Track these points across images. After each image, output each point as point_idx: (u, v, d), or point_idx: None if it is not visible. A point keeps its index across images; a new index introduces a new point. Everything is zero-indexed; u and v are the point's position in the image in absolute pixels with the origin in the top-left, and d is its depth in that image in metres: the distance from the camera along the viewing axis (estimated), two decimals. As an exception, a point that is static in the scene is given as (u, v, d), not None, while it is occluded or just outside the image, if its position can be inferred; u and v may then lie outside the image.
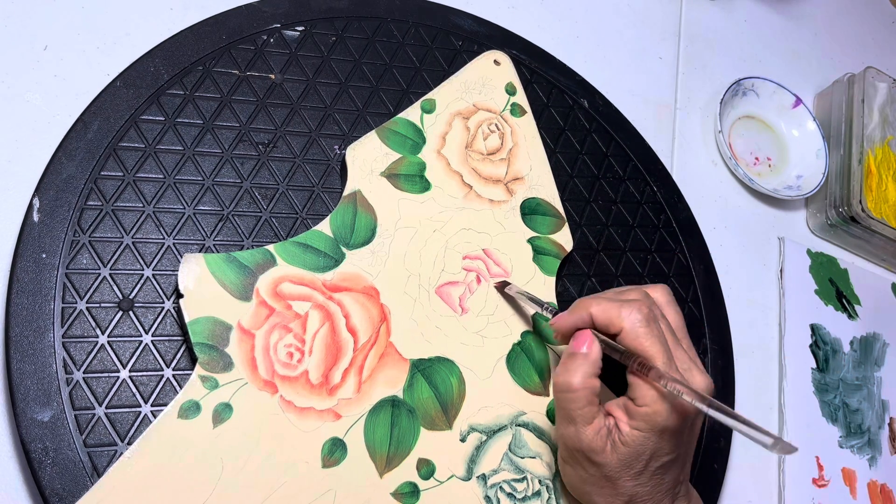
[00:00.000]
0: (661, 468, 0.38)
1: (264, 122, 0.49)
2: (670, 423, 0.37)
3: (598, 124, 0.59)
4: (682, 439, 0.39)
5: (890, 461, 0.61)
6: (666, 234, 0.58)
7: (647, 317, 0.38)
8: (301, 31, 0.52)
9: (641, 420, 0.37)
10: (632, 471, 0.38)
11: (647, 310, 0.38)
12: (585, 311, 0.40)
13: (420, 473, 0.42)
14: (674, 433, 0.37)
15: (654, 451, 0.37)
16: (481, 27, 0.58)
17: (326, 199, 0.48)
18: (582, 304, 0.40)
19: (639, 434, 0.37)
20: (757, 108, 0.70)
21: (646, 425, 0.37)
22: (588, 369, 0.38)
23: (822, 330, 0.63)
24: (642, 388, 0.37)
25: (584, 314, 0.40)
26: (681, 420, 0.37)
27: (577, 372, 0.38)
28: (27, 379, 0.38)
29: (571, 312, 0.41)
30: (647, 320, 0.38)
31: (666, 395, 0.37)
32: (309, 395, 0.41)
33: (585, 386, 0.38)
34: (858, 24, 0.82)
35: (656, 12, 0.70)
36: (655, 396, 0.37)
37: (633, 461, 0.38)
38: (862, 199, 0.64)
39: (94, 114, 0.45)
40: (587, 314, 0.40)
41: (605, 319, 0.39)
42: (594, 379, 0.38)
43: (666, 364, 0.37)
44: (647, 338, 0.38)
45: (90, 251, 0.42)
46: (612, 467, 0.38)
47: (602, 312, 0.39)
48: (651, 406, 0.37)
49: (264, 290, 0.43)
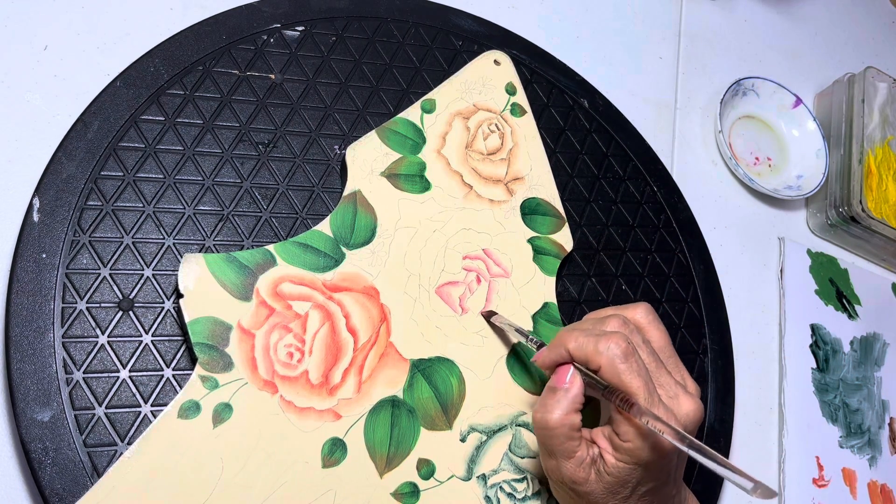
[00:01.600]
0: (648, 492, 0.38)
1: (264, 122, 0.49)
2: (653, 458, 0.36)
3: (598, 124, 0.59)
4: (669, 467, 0.38)
5: (890, 461, 0.61)
6: (666, 234, 0.58)
7: (626, 351, 0.37)
8: (301, 31, 0.52)
9: (625, 454, 0.36)
10: (618, 497, 0.38)
11: (625, 344, 0.37)
12: (563, 347, 0.39)
13: (420, 473, 0.42)
14: (659, 466, 0.37)
15: (639, 480, 0.37)
16: (481, 27, 0.58)
17: (326, 199, 0.48)
18: (560, 339, 0.39)
19: (624, 466, 0.37)
20: (757, 108, 0.70)
21: (630, 459, 0.36)
22: (567, 405, 0.37)
23: (822, 330, 0.63)
24: (624, 425, 0.36)
25: (562, 350, 0.39)
26: (661, 457, 0.37)
27: (556, 409, 0.37)
28: (27, 379, 0.38)
29: (551, 349, 0.40)
30: (625, 355, 0.37)
31: (647, 433, 0.36)
32: (309, 395, 0.41)
33: (563, 423, 0.37)
34: (858, 24, 0.82)
35: (656, 12, 0.70)
36: (636, 433, 0.36)
37: (618, 488, 0.37)
38: (862, 199, 0.64)
39: (94, 114, 0.45)
40: (565, 350, 0.39)
41: (583, 356, 0.38)
42: (574, 414, 0.38)
43: (647, 400, 0.36)
44: (627, 373, 0.36)
45: (90, 251, 0.42)
46: (597, 495, 0.38)
47: (579, 349, 0.38)
48: (633, 442, 0.36)
49: (264, 290, 0.43)
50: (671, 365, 0.40)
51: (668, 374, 0.38)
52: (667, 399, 0.37)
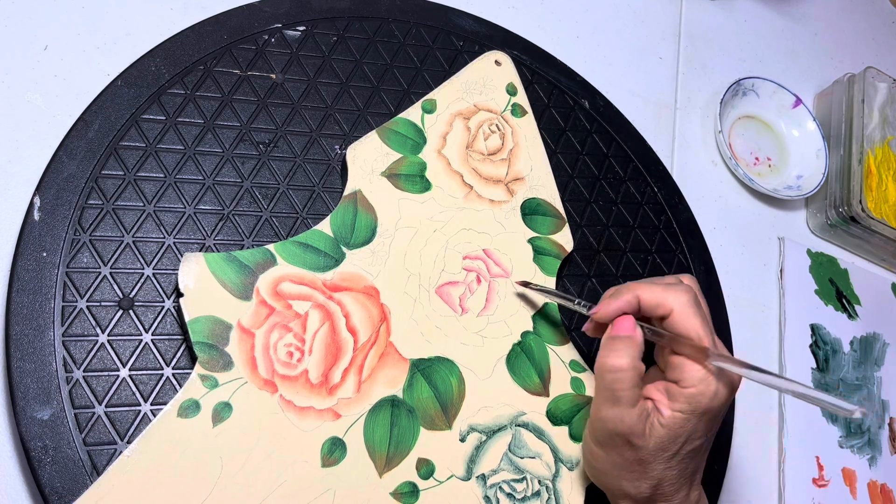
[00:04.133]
0: (692, 451, 0.39)
1: (265, 121, 0.49)
2: (715, 402, 0.37)
3: (598, 125, 0.59)
4: (717, 422, 0.39)
5: (890, 461, 0.61)
6: (666, 234, 0.58)
7: (694, 299, 0.39)
8: (302, 30, 0.52)
9: (686, 402, 0.37)
10: (666, 454, 0.38)
11: (693, 293, 0.39)
12: (632, 294, 0.40)
13: (419, 473, 0.42)
14: (714, 415, 0.38)
15: (690, 434, 0.38)
16: (482, 27, 0.58)
17: (327, 198, 0.48)
18: (626, 288, 0.41)
19: (680, 416, 0.38)
20: (757, 108, 0.70)
21: (689, 407, 0.37)
22: (635, 351, 0.39)
23: (822, 330, 0.63)
24: (689, 370, 0.37)
25: (630, 298, 0.40)
26: (727, 397, 0.38)
27: (625, 353, 0.38)
28: (27, 377, 0.38)
29: (616, 297, 0.41)
30: (694, 302, 0.39)
31: (714, 375, 0.37)
32: (309, 395, 0.41)
33: (634, 367, 0.38)
34: (858, 24, 0.82)
35: (656, 12, 0.70)
36: (703, 377, 0.37)
37: (669, 444, 0.38)
38: (862, 199, 0.64)
39: (94, 113, 0.45)
40: (633, 297, 0.40)
41: (655, 302, 0.39)
42: (640, 361, 0.39)
43: (713, 344, 0.38)
44: (697, 318, 0.38)
45: (91, 250, 0.42)
46: (648, 450, 0.38)
47: (652, 295, 0.39)
48: (698, 387, 0.37)
49: (264, 289, 0.43)
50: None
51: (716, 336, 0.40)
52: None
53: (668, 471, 0.39)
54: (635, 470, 0.39)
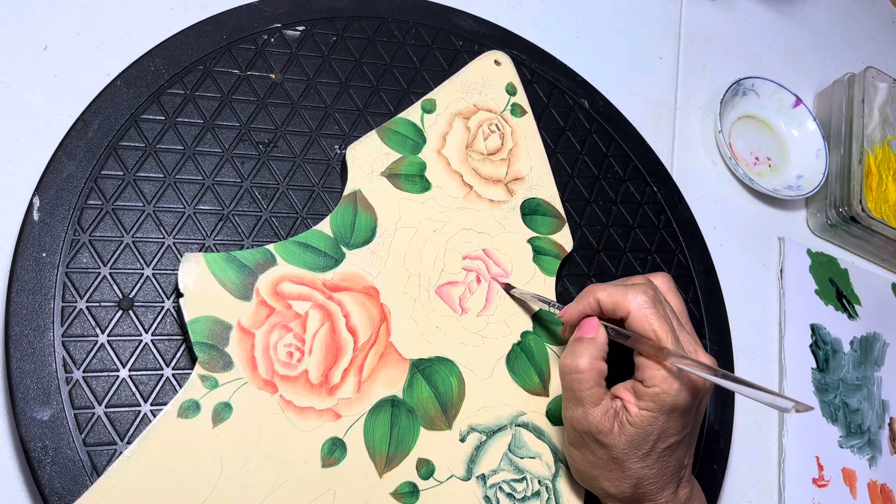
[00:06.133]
0: (667, 449, 0.39)
1: (265, 121, 0.49)
2: (679, 401, 0.37)
3: (598, 124, 0.59)
4: (689, 419, 0.39)
5: (890, 461, 0.61)
6: (666, 234, 0.58)
7: (653, 298, 0.39)
8: (302, 30, 0.52)
9: (650, 400, 0.38)
10: (639, 452, 0.38)
11: (653, 292, 0.39)
12: (592, 296, 0.41)
13: (420, 473, 0.42)
14: (682, 412, 0.38)
15: (661, 432, 0.38)
16: (482, 27, 0.58)
17: (326, 198, 0.48)
18: (588, 291, 0.41)
19: (647, 414, 0.38)
20: (757, 108, 0.70)
21: (655, 405, 0.37)
22: (595, 352, 0.39)
23: (822, 330, 0.63)
24: (651, 369, 0.38)
25: (590, 300, 0.41)
26: (691, 398, 0.38)
27: (584, 354, 0.39)
28: (27, 378, 0.38)
29: (578, 301, 0.42)
30: (653, 302, 0.39)
31: (675, 374, 0.37)
32: (309, 395, 0.41)
33: (593, 367, 0.39)
34: (858, 24, 0.82)
35: (656, 12, 0.70)
36: (665, 376, 0.37)
37: (640, 442, 0.38)
38: (862, 199, 0.64)
39: (94, 113, 0.45)
40: (594, 299, 0.41)
41: (612, 303, 0.40)
42: (601, 361, 0.39)
43: (674, 343, 0.38)
44: (655, 318, 0.38)
45: (90, 250, 0.42)
46: (619, 448, 0.39)
47: (608, 297, 0.40)
48: (660, 386, 0.37)
49: (264, 289, 0.43)
50: (688, 329, 0.41)
51: (686, 334, 0.40)
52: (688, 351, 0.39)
53: (645, 469, 0.39)
54: (612, 469, 0.40)
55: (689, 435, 0.40)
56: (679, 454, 0.40)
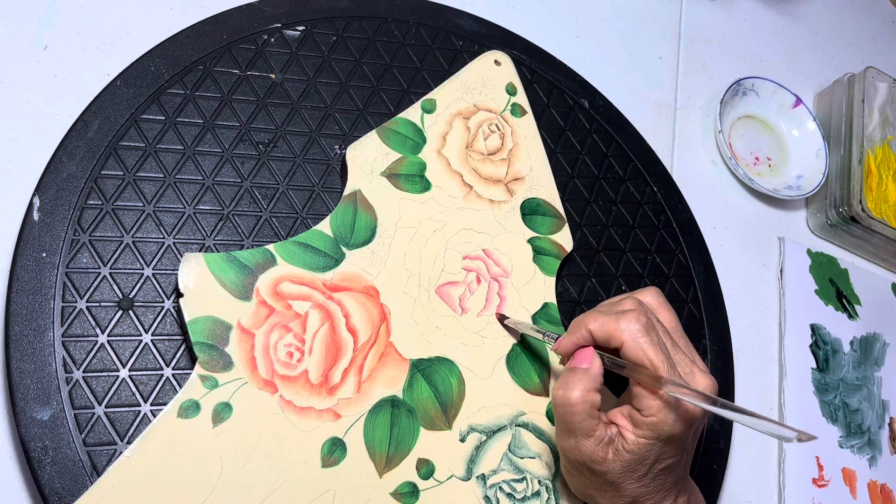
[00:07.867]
0: (664, 470, 0.38)
1: (265, 121, 0.49)
2: (676, 430, 0.37)
3: (598, 124, 0.59)
4: (686, 443, 0.39)
5: (890, 461, 0.61)
6: (666, 234, 0.58)
7: (646, 326, 0.38)
8: (302, 30, 0.52)
9: (648, 429, 0.37)
10: (635, 475, 0.38)
11: (645, 318, 0.38)
12: (584, 328, 0.39)
13: (420, 473, 0.42)
14: (680, 439, 0.38)
15: (658, 456, 0.38)
16: (482, 27, 0.58)
17: (326, 198, 0.48)
18: (579, 322, 0.40)
19: (644, 442, 0.37)
20: (757, 108, 0.70)
21: (652, 434, 0.37)
22: (588, 384, 0.38)
23: (822, 330, 0.63)
24: (647, 399, 0.37)
25: (583, 331, 0.40)
26: (688, 426, 0.37)
27: (577, 387, 0.38)
28: (27, 378, 0.38)
29: (571, 333, 0.40)
30: (646, 329, 0.38)
31: (671, 404, 0.37)
32: (309, 395, 0.41)
33: (585, 400, 0.38)
34: (858, 24, 0.82)
35: (656, 12, 0.70)
36: (661, 406, 0.37)
37: (636, 466, 0.38)
38: (862, 199, 0.64)
39: (94, 113, 0.45)
40: (586, 331, 0.39)
41: (605, 334, 0.39)
42: (594, 393, 0.38)
43: (669, 372, 0.37)
44: (649, 347, 0.37)
45: (90, 250, 0.42)
46: (614, 473, 0.38)
47: (600, 328, 0.39)
48: (657, 416, 0.37)
49: (264, 289, 0.43)
50: (682, 344, 0.41)
51: (681, 353, 0.39)
52: (684, 376, 0.38)
53: (642, 488, 0.39)
54: (608, 490, 0.39)
55: (685, 455, 0.40)
56: (677, 472, 0.39)
